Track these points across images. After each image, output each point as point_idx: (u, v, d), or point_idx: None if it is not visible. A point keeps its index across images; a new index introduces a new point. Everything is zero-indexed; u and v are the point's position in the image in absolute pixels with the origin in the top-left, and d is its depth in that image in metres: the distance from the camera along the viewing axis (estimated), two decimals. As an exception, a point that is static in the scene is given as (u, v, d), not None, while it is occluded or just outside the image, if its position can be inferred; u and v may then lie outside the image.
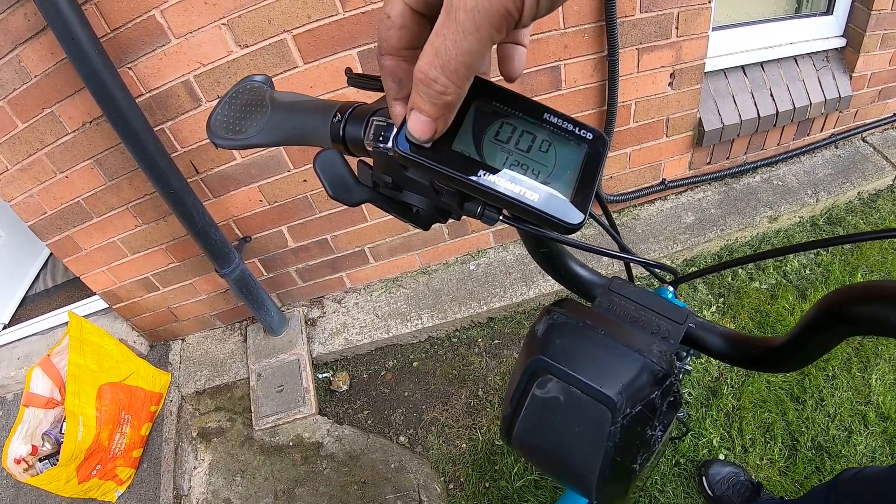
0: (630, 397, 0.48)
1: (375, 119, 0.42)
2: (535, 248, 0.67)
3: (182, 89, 1.64)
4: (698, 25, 1.90)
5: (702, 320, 0.61)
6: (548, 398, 0.52)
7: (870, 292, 0.40)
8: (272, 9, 1.54)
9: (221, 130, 0.51)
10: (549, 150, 0.39)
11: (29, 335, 2.46)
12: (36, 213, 1.84)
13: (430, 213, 0.46)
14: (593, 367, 0.49)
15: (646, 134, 2.19)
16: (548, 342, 0.52)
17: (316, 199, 2.01)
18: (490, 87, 0.39)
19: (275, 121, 0.50)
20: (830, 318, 0.44)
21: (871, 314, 0.39)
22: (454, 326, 2.25)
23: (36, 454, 1.92)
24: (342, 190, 0.44)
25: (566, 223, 0.38)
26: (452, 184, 0.39)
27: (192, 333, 2.42)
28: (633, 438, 0.50)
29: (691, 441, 1.84)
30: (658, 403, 0.49)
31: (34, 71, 1.53)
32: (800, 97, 2.28)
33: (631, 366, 0.49)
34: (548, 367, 0.51)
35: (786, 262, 2.28)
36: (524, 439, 0.55)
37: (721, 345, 0.59)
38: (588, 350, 0.50)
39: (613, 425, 0.48)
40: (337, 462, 1.97)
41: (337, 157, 0.43)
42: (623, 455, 0.50)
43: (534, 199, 0.38)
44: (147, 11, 1.48)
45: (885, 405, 1.85)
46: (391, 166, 0.44)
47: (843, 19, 2.29)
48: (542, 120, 0.40)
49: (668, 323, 0.60)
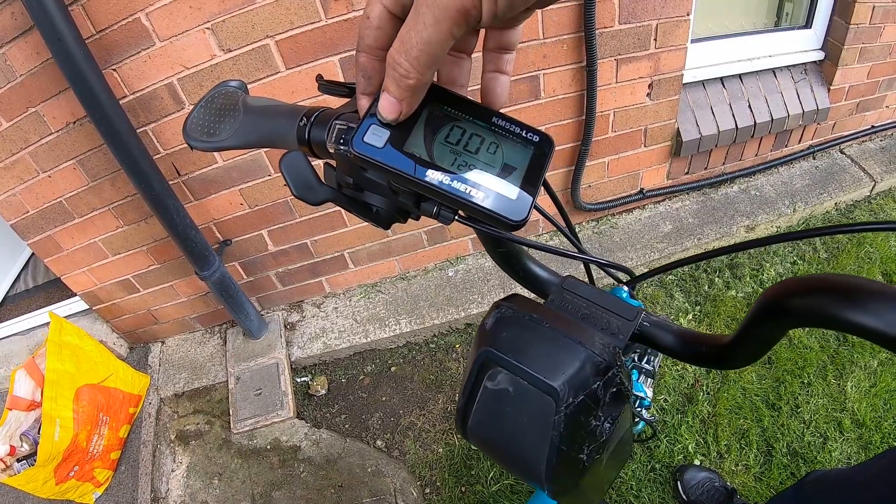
0: (573, 387, 0.49)
1: (338, 123, 0.45)
2: (492, 247, 0.69)
3: (165, 92, 1.66)
4: (677, 37, 1.93)
5: (656, 319, 0.62)
6: (498, 390, 0.53)
7: (807, 285, 0.42)
8: (256, 14, 1.56)
9: (196, 133, 0.53)
10: (497, 151, 0.41)
11: (9, 335, 2.45)
12: (18, 213, 1.85)
13: (389, 212, 0.48)
14: (538, 359, 0.50)
15: (624, 143, 2.22)
16: (496, 335, 0.53)
17: (296, 204, 2.02)
18: (443, 93, 0.42)
19: (247, 124, 0.52)
20: (771, 311, 0.45)
21: (808, 306, 0.41)
22: (432, 332, 2.26)
23: (14, 454, 1.91)
24: (305, 189, 0.46)
25: (510, 220, 0.40)
26: (405, 183, 0.41)
27: (172, 336, 2.42)
28: (577, 428, 0.51)
29: (667, 447, 1.85)
30: (601, 394, 0.51)
31: (20, 70, 1.53)
32: (778, 109, 2.32)
33: (574, 357, 0.50)
34: (496, 359, 0.52)
35: (762, 271, 2.31)
36: (478, 431, 0.57)
37: (673, 342, 0.60)
38: (533, 342, 0.52)
39: (557, 414, 0.49)
40: (314, 466, 1.97)
41: (301, 159, 0.45)
42: (568, 444, 0.51)
43: (479, 198, 0.40)
44: (133, 14, 1.49)
45: (860, 412, 1.88)
46: (352, 167, 0.46)
47: (822, 33, 2.34)
48: (490, 123, 0.42)
49: (618, 320, 0.62)
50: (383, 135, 0.40)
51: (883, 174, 2.56)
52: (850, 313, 0.38)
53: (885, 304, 0.36)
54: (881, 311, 0.36)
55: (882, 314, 0.36)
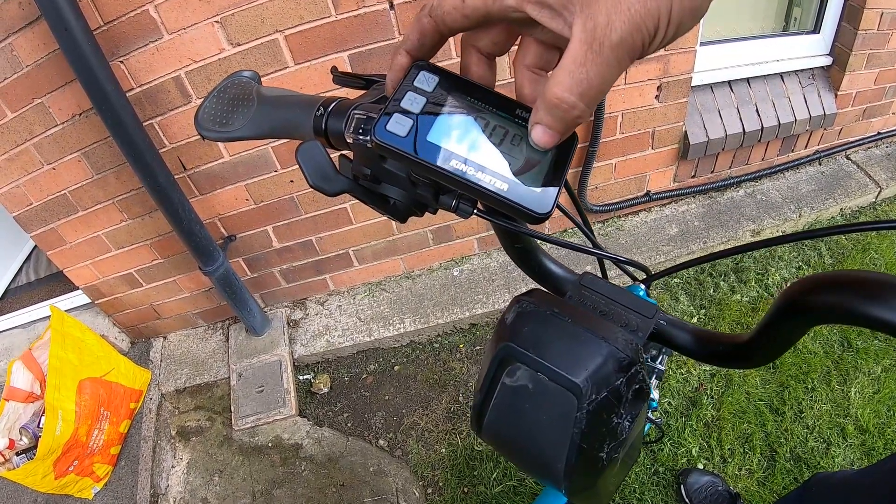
0: (595, 384, 0.48)
1: (356, 113, 0.45)
2: (509, 243, 0.68)
3: (173, 85, 1.65)
4: (686, 40, 1.93)
5: (672, 318, 0.61)
6: (517, 386, 0.52)
7: (831, 281, 0.41)
8: (265, 8, 1.55)
9: (209, 123, 0.53)
10: (520, 143, 0.41)
11: (10, 328, 2.45)
12: (21, 205, 1.84)
13: (406, 205, 0.48)
14: (560, 354, 0.49)
15: (631, 145, 2.21)
16: (516, 330, 0.53)
17: (302, 201, 2.01)
18: (467, 84, 0.42)
19: (261, 114, 0.52)
20: (794, 308, 0.44)
21: (832, 302, 0.40)
22: (436, 332, 2.26)
23: (13, 448, 1.90)
24: (322, 179, 0.45)
25: (534, 213, 0.40)
26: (427, 173, 0.41)
27: (174, 331, 2.41)
28: (599, 425, 0.50)
29: (670, 450, 1.85)
30: (623, 391, 0.50)
31: (26, 60, 1.53)
32: (785, 113, 2.31)
33: (597, 353, 0.49)
34: (516, 354, 0.51)
35: (767, 275, 2.30)
36: (494, 429, 0.56)
37: (690, 341, 0.60)
38: (555, 337, 0.51)
39: (579, 411, 0.48)
40: (316, 464, 1.96)
41: (318, 149, 0.45)
42: (589, 442, 0.50)
43: (503, 189, 0.40)
44: (141, 6, 1.49)
45: (863, 418, 1.87)
46: (370, 158, 0.45)
47: (830, 38, 2.34)
48: (514, 115, 0.41)
49: (637, 317, 0.61)
50: (406, 124, 0.40)
51: (888, 180, 2.56)
52: (875, 309, 0.37)
53: None
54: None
55: None
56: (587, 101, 0.35)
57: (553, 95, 0.35)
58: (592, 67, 0.33)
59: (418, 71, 0.42)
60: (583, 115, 0.36)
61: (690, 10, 0.32)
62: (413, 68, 0.42)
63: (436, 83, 0.42)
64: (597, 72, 0.33)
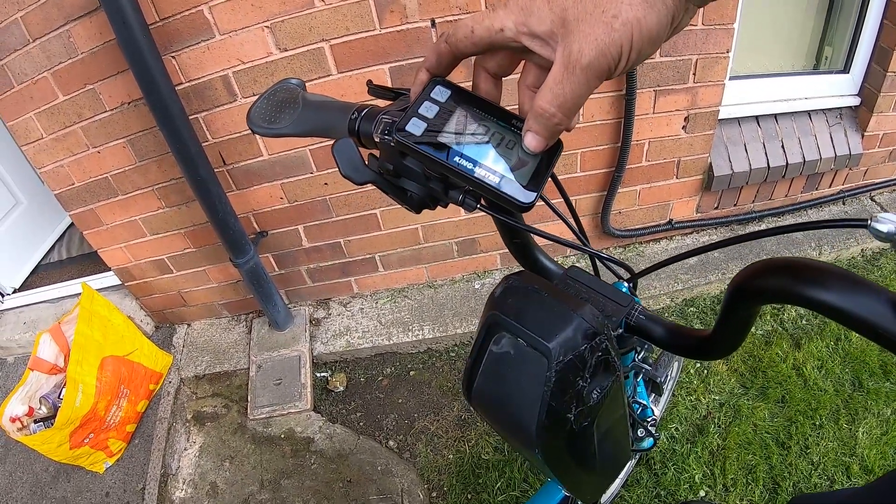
0: (564, 347, 0.55)
1: (384, 117, 0.54)
2: (509, 238, 0.78)
3: (220, 83, 1.72)
4: (715, 73, 1.97)
5: (650, 313, 0.70)
6: (501, 353, 0.60)
7: (774, 266, 0.48)
8: (314, 18, 1.62)
9: (259, 120, 0.63)
10: (514, 147, 0.49)
11: (38, 302, 2.53)
12: (64, 184, 1.92)
13: (421, 197, 0.56)
14: (537, 322, 0.57)
15: (656, 173, 2.25)
16: (503, 301, 0.61)
17: (334, 203, 2.07)
18: (474, 98, 0.51)
19: (305, 115, 0.62)
20: (744, 292, 0.51)
21: (776, 285, 0.47)
22: (454, 341, 2.30)
23: (32, 415, 1.96)
24: (352, 170, 0.53)
25: (520, 202, 0.48)
26: (437, 168, 0.50)
27: (199, 320, 2.48)
28: (566, 386, 0.57)
29: (674, 475, 1.87)
30: (588, 356, 0.57)
31: (82, 48, 1.60)
32: (811, 151, 2.33)
33: (567, 322, 0.56)
34: (500, 322, 0.59)
35: (783, 310, 2.32)
36: (481, 394, 0.63)
37: (663, 334, 0.68)
38: (534, 308, 0.59)
39: (549, 370, 0.55)
40: (325, 458, 2.00)
41: (350, 145, 0.53)
42: (558, 401, 0.56)
43: (495, 181, 0.48)
44: (196, 6, 1.56)
45: (869, 458, 1.87)
46: (393, 155, 0.54)
47: (860, 79, 2.35)
48: (510, 124, 0.50)
49: (613, 305, 0.71)
50: (422, 126, 0.49)
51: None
52: (811, 291, 0.43)
53: (845, 284, 0.42)
54: (842, 290, 0.42)
55: (842, 293, 0.42)
56: (564, 111, 0.44)
57: (538, 106, 0.44)
58: (567, 85, 0.42)
59: (435, 85, 0.51)
60: (562, 123, 0.45)
61: (649, 40, 0.40)
62: (431, 83, 0.51)
63: (448, 95, 0.51)
64: (571, 89, 0.42)
